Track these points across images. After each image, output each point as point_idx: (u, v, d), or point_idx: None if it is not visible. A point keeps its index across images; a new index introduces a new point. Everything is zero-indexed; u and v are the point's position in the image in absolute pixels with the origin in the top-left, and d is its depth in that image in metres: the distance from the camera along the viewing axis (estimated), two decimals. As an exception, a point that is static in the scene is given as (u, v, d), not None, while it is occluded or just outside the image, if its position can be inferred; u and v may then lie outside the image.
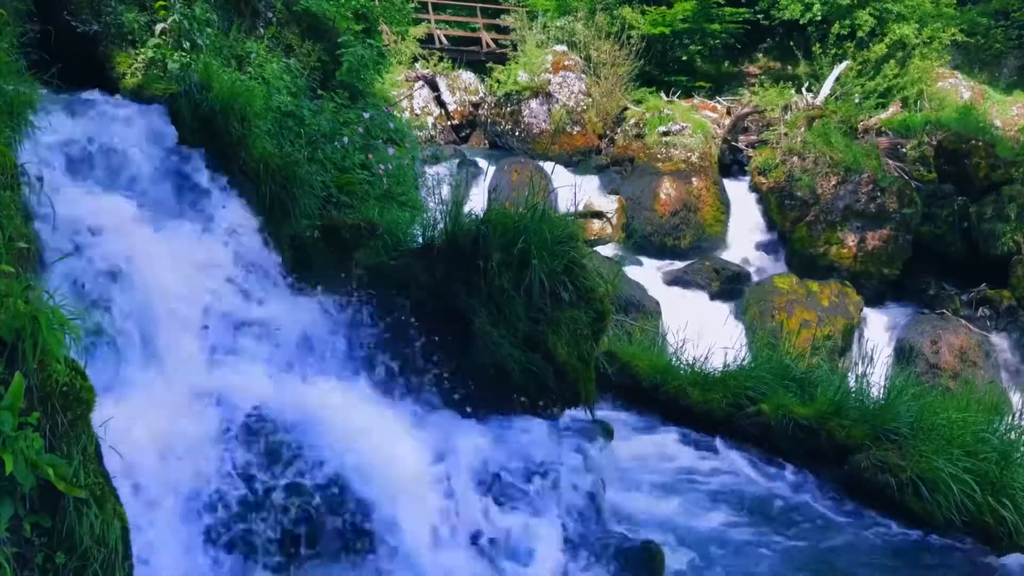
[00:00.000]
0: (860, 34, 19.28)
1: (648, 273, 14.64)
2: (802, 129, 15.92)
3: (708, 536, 4.59)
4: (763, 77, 20.31)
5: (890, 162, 15.27)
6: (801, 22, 19.69)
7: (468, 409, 4.52)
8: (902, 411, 5.46)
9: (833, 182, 15.08)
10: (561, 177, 15.06)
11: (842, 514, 5.00)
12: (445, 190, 7.44)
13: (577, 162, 17.68)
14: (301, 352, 4.48)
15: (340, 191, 5.72)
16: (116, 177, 4.53)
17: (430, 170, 10.35)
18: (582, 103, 18.40)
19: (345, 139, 6.05)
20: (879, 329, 13.96)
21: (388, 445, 3.87)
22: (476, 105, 19.52)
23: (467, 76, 19.94)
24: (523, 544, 3.87)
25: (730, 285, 14.41)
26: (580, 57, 18.98)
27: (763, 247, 15.94)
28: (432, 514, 3.75)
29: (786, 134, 16.09)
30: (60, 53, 4.86)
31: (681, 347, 7.08)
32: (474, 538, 3.81)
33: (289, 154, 5.28)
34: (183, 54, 5.22)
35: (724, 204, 16.22)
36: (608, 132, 18.37)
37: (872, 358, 6.72)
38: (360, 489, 3.59)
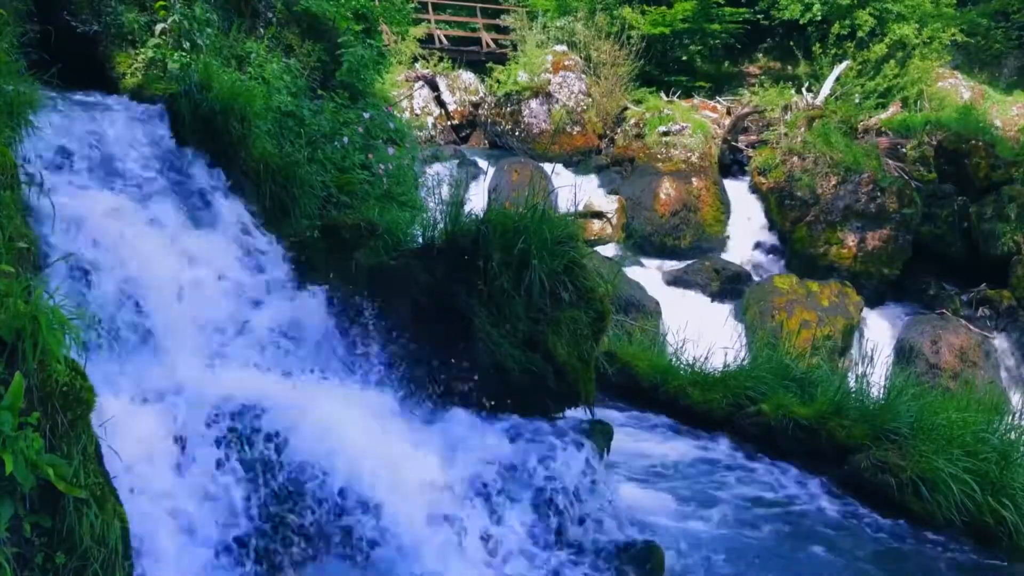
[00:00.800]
0: (860, 34, 19.29)
1: (648, 273, 14.65)
2: (802, 129, 15.92)
3: (707, 536, 4.59)
4: (763, 77, 20.31)
5: (890, 162, 15.28)
6: (801, 22, 19.70)
7: (468, 409, 4.52)
8: (902, 411, 5.46)
9: (833, 182, 15.09)
10: (561, 177, 15.07)
11: (842, 514, 5.00)
12: (445, 190, 7.44)
13: (577, 162, 17.68)
14: (300, 352, 4.48)
15: (340, 191, 5.72)
16: (116, 177, 4.53)
17: (430, 170, 10.34)
18: (582, 103, 18.40)
19: (345, 139, 6.05)
20: (879, 329, 13.97)
21: (388, 445, 3.87)
22: (476, 105, 19.52)
23: (467, 76, 19.94)
24: (523, 544, 3.87)
25: (730, 285, 14.41)
26: (580, 57, 18.98)
27: (763, 247, 15.95)
28: (431, 514, 3.75)
29: (786, 134, 16.09)
30: (60, 53, 4.86)
31: (681, 347, 7.08)
32: (473, 538, 3.80)
33: (289, 154, 5.28)
34: (183, 54, 5.22)
35: (724, 204, 16.23)
36: (608, 132, 18.37)
37: (872, 358, 6.71)
38: (358, 488, 3.59)
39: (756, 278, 14.85)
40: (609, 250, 14.83)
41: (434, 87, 19.43)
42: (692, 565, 4.24)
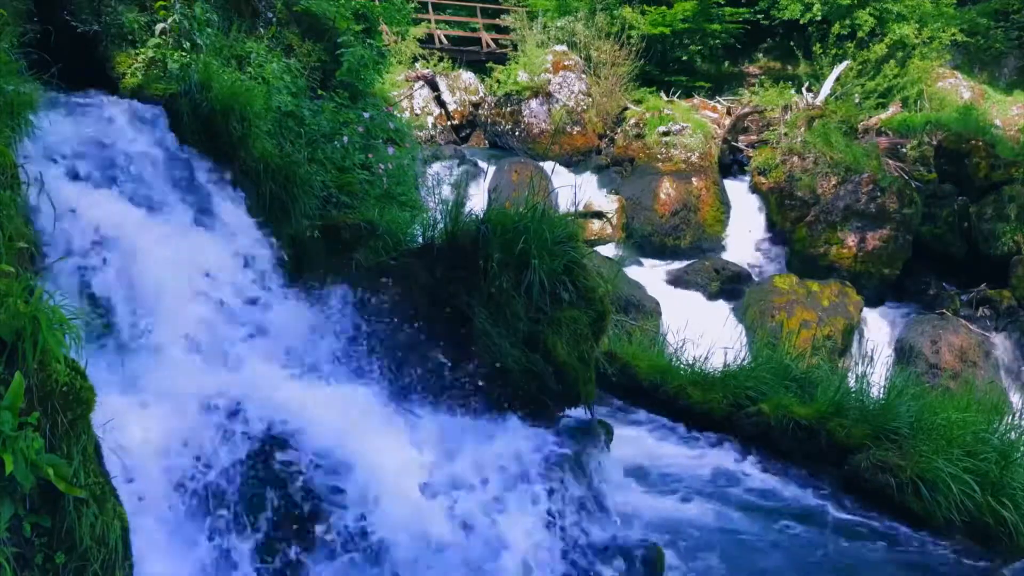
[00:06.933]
0: (860, 34, 19.29)
1: (648, 273, 14.66)
2: (802, 129, 15.93)
3: (707, 535, 4.59)
4: (763, 77, 20.32)
5: (890, 162, 15.28)
6: (801, 22, 19.70)
7: (467, 409, 4.52)
8: (902, 411, 5.46)
9: (833, 182, 15.09)
10: (561, 177, 15.08)
11: (841, 514, 5.00)
12: (445, 190, 7.44)
13: (577, 162, 17.68)
14: (300, 352, 4.48)
15: (340, 191, 5.72)
16: (116, 177, 4.53)
17: (430, 170, 10.34)
18: (582, 103, 18.40)
19: (345, 139, 6.04)
20: (879, 329, 13.97)
21: (388, 445, 3.87)
22: (476, 105, 19.52)
23: (467, 76, 19.94)
24: (522, 544, 3.87)
25: (730, 285, 14.42)
26: (580, 57, 18.99)
27: (763, 247, 15.95)
28: (430, 514, 3.74)
29: (786, 134, 16.10)
30: (60, 53, 4.85)
31: (681, 347, 7.08)
32: (471, 538, 3.80)
33: (289, 154, 5.28)
34: (183, 54, 5.22)
35: (724, 204, 16.23)
36: (608, 132, 18.38)
37: (872, 358, 6.71)
38: (356, 488, 3.59)
39: (756, 278, 14.85)
40: (609, 250, 14.83)
41: (434, 87, 19.43)
42: (692, 565, 4.24)
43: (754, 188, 16.35)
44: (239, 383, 3.93)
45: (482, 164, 16.29)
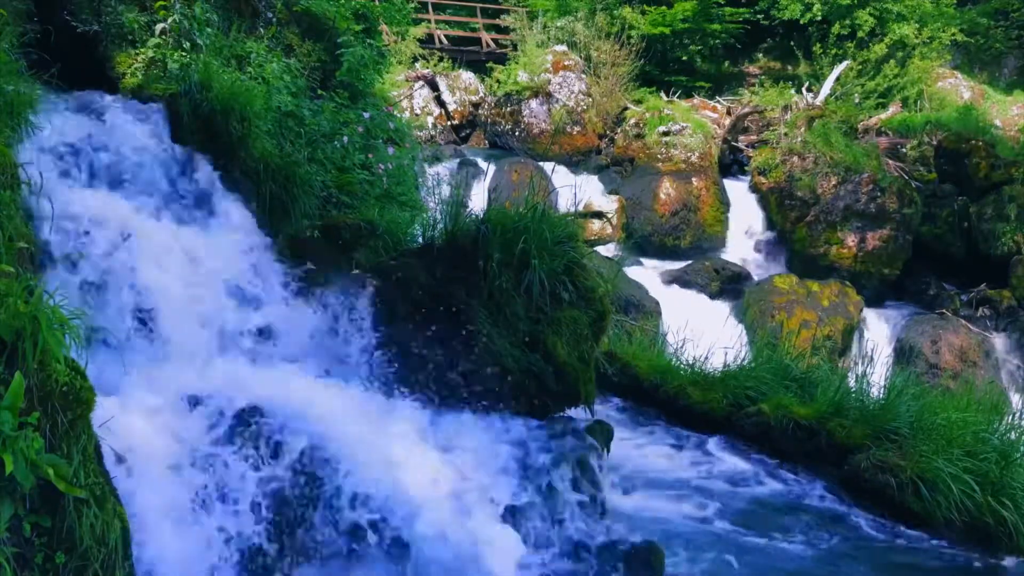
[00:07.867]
0: (860, 34, 19.30)
1: (648, 273, 14.65)
2: (802, 129, 15.92)
3: (707, 536, 4.59)
4: (763, 77, 20.33)
5: (890, 162, 15.28)
6: (801, 22, 19.72)
7: (468, 409, 4.52)
8: (902, 411, 5.45)
9: (833, 182, 15.09)
10: (561, 177, 15.08)
11: (841, 514, 5.00)
12: (445, 190, 7.44)
13: (577, 162, 17.68)
14: (300, 352, 4.48)
15: (340, 191, 5.72)
16: (116, 177, 4.53)
17: (430, 170, 10.35)
18: (582, 103, 18.40)
19: (345, 139, 6.05)
20: (879, 329, 13.97)
21: (388, 445, 3.87)
22: (476, 105, 19.52)
23: (467, 76, 19.95)
24: (523, 544, 3.87)
25: (730, 285, 14.42)
26: (580, 57, 18.99)
27: (763, 247, 15.95)
28: (430, 513, 3.74)
29: (786, 134, 16.10)
30: (60, 53, 4.86)
31: (681, 347, 7.08)
32: (471, 537, 3.80)
33: (289, 154, 5.28)
34: (183, 54, 5.22)
35: (724, 204, 16.23)
36: (608, 132, 18.38)
37: (872, 358, 6.71)
38: (356, 486, 3.59)
39: (756, 278, 14.85)
40: (609, 250, 14.83)
41: (434, 87, 19.43)
42: (692, 566, 4.24)
43: (754, 188, 16.35)
44: (239, 383, 3.93)
45: (482, 164, 16.29)
